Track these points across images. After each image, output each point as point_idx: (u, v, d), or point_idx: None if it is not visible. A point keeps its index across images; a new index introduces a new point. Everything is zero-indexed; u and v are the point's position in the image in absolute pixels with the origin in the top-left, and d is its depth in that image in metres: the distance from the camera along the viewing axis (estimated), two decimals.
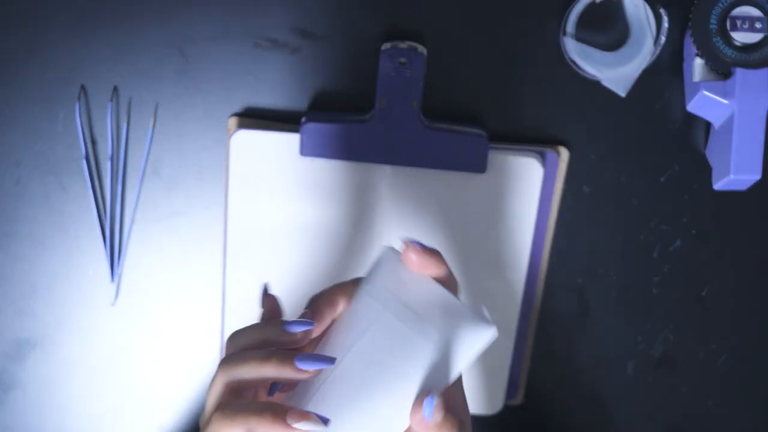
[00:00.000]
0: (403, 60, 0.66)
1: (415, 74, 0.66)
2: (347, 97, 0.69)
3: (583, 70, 0.68)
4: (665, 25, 0.67)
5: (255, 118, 0.69)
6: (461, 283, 0.71)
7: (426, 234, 0.70)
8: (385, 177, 0.68)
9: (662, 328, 0.75)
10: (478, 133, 0.68)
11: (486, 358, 0.73)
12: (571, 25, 0.68)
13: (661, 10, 0.67)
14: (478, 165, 0.68)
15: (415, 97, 0.66)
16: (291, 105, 0.70)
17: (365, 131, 0.67)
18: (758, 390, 0.77)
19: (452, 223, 0.70)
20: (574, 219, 0.72)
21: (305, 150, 0.67)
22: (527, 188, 0.69)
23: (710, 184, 0.70)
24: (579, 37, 0.68)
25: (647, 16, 0.67)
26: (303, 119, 0.68)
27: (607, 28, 0.69)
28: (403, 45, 0.66)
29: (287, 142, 0.68)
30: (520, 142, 0.70)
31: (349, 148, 0.67)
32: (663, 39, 0.67)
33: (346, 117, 0.68)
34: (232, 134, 0.68)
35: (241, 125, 0.69)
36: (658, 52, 0.68)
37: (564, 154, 0.70)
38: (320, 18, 0.68)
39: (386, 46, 0.67)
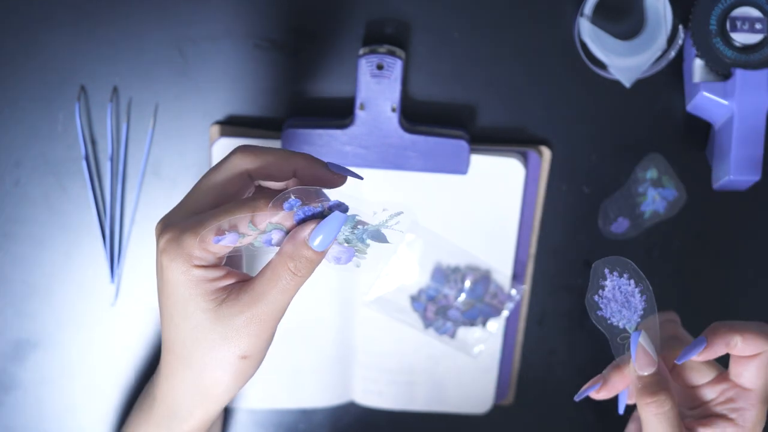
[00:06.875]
0: (381, 64, 0.66)
1: (393, 78, 0.66)
2: (331, 102, 0.69)
3: (592, 55, 0.68)
4: (679, 42, 0.67)
5: (243, 125, 0.69)
6: None
7: (409, 237, 0.70)
8: (367, 181, 0.68)
9: None
10: (459, 135, 0.68)
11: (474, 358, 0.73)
12: (589, 7, 0.67)
13: (680, 26, 0.67)
14: (459, 167, 0.68)
15: (394, 101, 0.66)
16: (280, 111, 0.70)
17: (345, 136, 0.67)
18: None
19: (435, 226, 0.70)
20: (574, 219, 0.72)
21: None
22: (510, 189, 0.69)
23: (710, 184, 0.70)
24: (593, 23, 0.68)
25: (665, 12, 0.67)
26: (284, 125, 0.68)
27: (622, 19, 0.68)
28: (381, 49, 0.66)
29: None
30: (521, 143, 0.70)
31: (329, 154, 0.67)
32: (673, 54, 0.67)
33: (326, 122, 0.68)
34: (214, 142, 0.68)
35: (224, 133, 0.68)
36: (669, 58, 0.67)
37: (546, 153, 0.70)
38: (303, 23, 0.68)
39: (364, 50, 0.67)
